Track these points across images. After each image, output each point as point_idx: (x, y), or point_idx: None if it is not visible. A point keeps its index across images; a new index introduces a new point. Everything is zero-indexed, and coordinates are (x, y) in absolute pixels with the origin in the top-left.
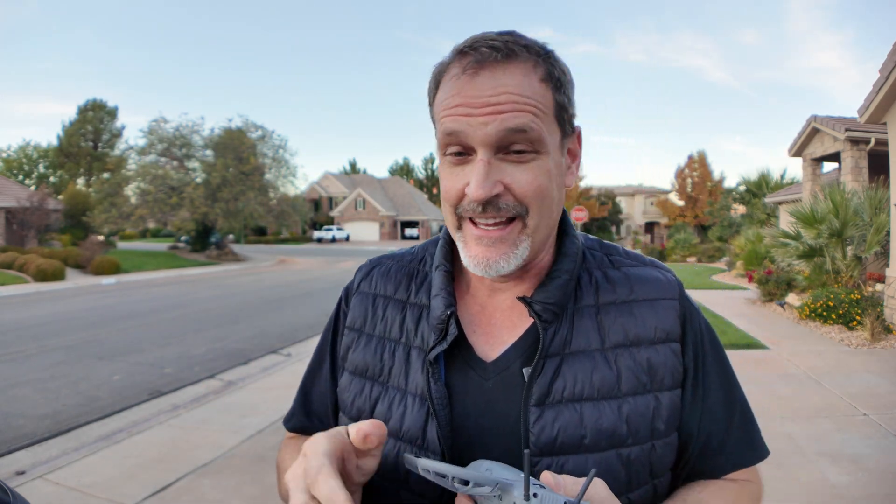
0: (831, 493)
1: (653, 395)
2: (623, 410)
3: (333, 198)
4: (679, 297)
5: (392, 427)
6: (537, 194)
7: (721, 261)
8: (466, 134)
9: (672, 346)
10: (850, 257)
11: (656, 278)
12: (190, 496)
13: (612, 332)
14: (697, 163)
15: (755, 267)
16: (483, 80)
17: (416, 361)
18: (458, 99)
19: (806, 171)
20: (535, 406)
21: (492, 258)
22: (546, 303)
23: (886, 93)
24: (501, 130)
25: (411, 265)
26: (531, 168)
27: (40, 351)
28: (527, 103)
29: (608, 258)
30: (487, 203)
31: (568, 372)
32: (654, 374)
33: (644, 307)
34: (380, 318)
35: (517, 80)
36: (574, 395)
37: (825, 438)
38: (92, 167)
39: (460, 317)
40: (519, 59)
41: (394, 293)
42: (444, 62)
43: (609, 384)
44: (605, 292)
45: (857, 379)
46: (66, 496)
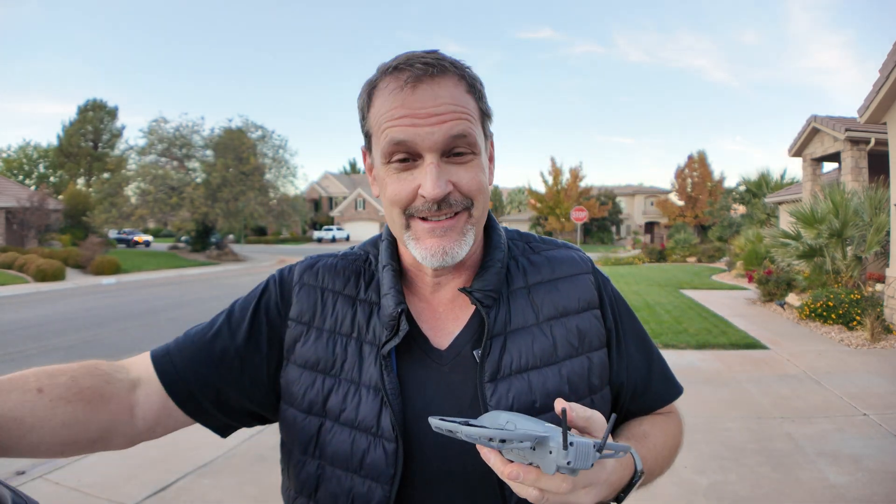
0: (831, 493)
1: (585, 357)
2: (563, 373)
3: (333, 198)
4: (592, 270)
5: (347, 417)
6: (479, 189)
7: (721, 261)
8: (415, 142)
9: (594, 313)
10: (850, 257)
11: (571, 257)
12: (190, 496)
13: (543, 308)
14: (697, 163)
15: (755, 267)
16: (423, 92)
17: (368, 356)
18: (403, 110)
19: (806, 171)
20: (489, 382)
21: (447, 246)
22: (485, 290)
23: (886, 93)
24: (447, 137)
25: (356, 263)
26: (471, 167)
27: (40, 351)
28: (462, 111)
29: (528, 245)
30: (441, 201)
31: (513, 347)
32: (583, 338)
33: (566, 283)
34: (329, 312)
35: (451, 91)
36: (521, 367)
37: (825, 438)
38: (92, 167)
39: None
40: (448, 74)
41: (342, 289)
42: (376, 79)
43: (548, 352)
44: (532, 274)
45: (857, 379)
46: (66, 496)
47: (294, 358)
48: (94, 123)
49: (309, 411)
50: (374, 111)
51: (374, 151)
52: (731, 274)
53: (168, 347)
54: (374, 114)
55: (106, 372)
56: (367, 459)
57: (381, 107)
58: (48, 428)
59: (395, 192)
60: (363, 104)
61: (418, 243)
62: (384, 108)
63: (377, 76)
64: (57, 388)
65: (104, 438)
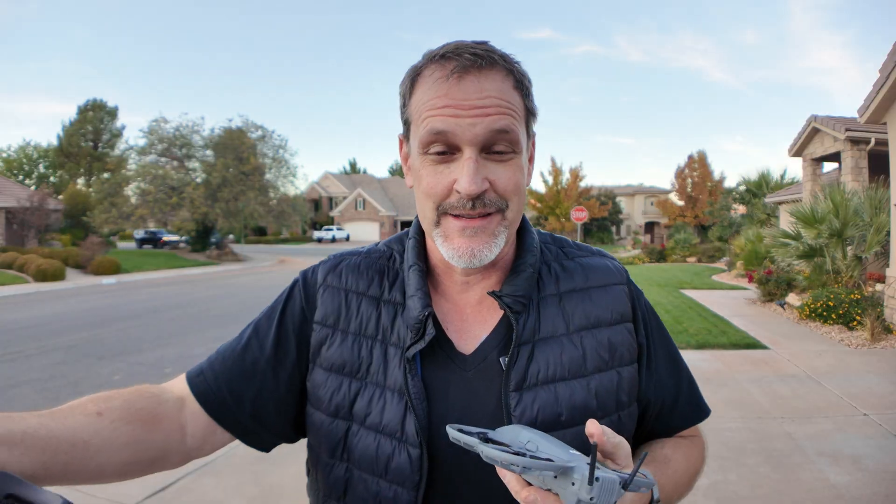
0: (831, 493)
1: (615, 371)
2: (591, 387)
3: (333, 198)
4: (627, 281)
5: (372, 421)
6: (516, 190)
7: (721, 261)
8: (455, 133)
9: (627, 326)
10: (850, 257)
11: (606, 266)
12: (190, 496)
13: (575, 317)
14: (697, 163)
15: (755, 267)
16: (468, 84)
17: (393, 358)
18: (446, 100)
19: (806, 171)
20: (514, 391)
21: (476, 247)
22: (515, 295)
23: (886, 93)
24: (489, 131)
25: (380, 262)
26: (510, 166)
27: (40, 351)
28: (508, 107)
29: (562, 250)
30: (476, 198)
31: (540, 357)
32: (614, 351)
33: (600, 292)
34: (354, 314)
35: (498, 85)
36: (548, 377)
37: (825, 438)
38: (92, 167)
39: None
40: (496, 67)
41: (366, 290)
42: (421, 66)
43: (577, 364)
44: (564, 281)
45: (857, 379)
46: (66, 496)
47: (320, 361)
48: (94, 123)
49: (335, 415)
50: (416, 98)
51: (411, 140)
52: (731, 274)
53: (201, 367)
54: (416, 101)
55: (155, 394)
56: (393, 464)
57: (423, 95)
58: (112, 449)
59: (430, 185)
60: (405, 90)
61: (447, 242)
62: (426, 96)
63: (422, 63)
64: (114, 410)
65: (161, 458)
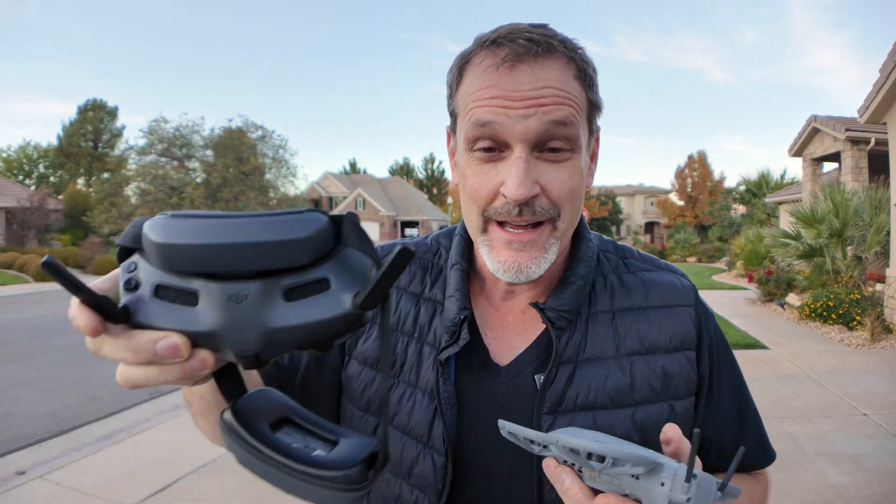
0: (831, 493)
1: (667, 404)
2: (636, 419)
3: (333, 198)
4: (695, 303)
5: (399, 422)
6: (570, 196)
7: (721, 261)
8: (503, 126)
9: (687, 355)
10: (850, 257)
11: (672, 284)
12: (190, 496)
13: (627, 339)
14: (697, 163)
15: (755, 267)
16: (522, 73)
17: (427, 358)
18: (495, 91)
19: (806, 171)
20: (547, 413)
21: (523, 262)
22: (559, 310)
23: (886, 93)
24: (543, 124)
25: (425, 257)
26: (566, 167)
27: (40, 351)
28: (567, 98)
29: (623, 262)
30: (524, 205)
31: (581, 380)
32: (668, 382)
33: (660, 314)
34: (392, 309)
35: (556, 74)
36: (587, 404)
37: (825, 438)
38: (92, 167)
39: (476, 318)
40: (555, 54)
41: (408, 285)
42: (471, 51)
43: (623, 392)
44: (620, 297)
45: (857, 379)
46: (66, 496)
47: (356, 354)
48: (94, 123)
49: (366, 410)
50: (464, 88)
51: (457, 134)
52: (731, 274)
53: None
54: (463, 91)
55: None
56: (416, 469)
57: (470, 84)
58: None
59: (475, 188)
60: (452, 79)
61: (492, 253)
62: (474, 86)
63: (472, 49)
64: None
65: None
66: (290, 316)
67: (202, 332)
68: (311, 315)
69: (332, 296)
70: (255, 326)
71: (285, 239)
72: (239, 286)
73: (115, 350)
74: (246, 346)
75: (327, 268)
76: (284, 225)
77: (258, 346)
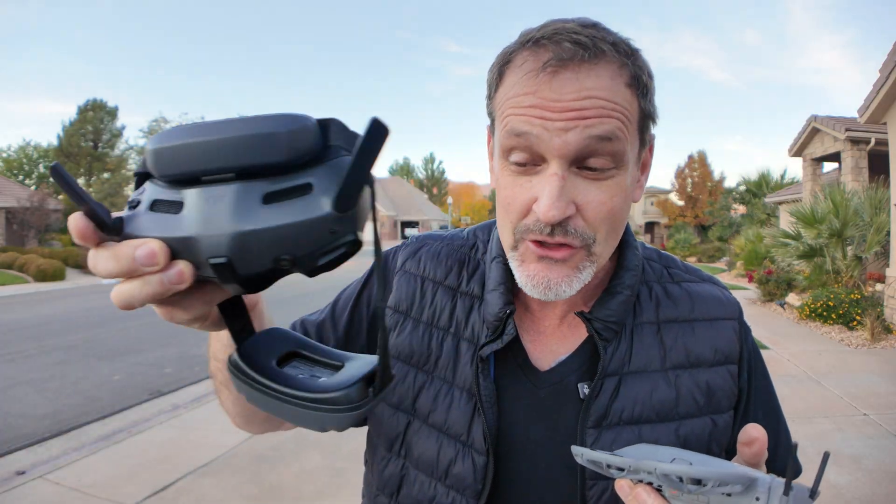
0: (831, 493)
1: (709, 418)
2: (680, 433)
3: None
4: (738, 317)
5: (436, 420)
6: (609, 217)
7: (721, 261)
8: (540, 139)
9: (730, 369)
10: (850, 257)
11: (717, 297)
12: (190, 496)
13: (673, 352)
14: (697, 163)
15: (755, 267)
16: (564, 80)
17: (465, 354)
18: (533, 99)
19: (806, 171)
20: (592, 428)
21: (553, 279)
22: (607, 320)
23: (886, 93)
24: (584, 139)
25: (462, 250)
26: (608, 187)
27: (40, 351)
28: (614, 110)
29: (667, 271)
30: (556, 225)
31: (627, 393)
32: (711, 396)
33: (705, 327)
34: (428, 303)
35: (604, 83)
36: (633, 418)
37: (825, 438)
38: (92, 167)
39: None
40: (606, 59)
41: (444, 279)
42: (512, 50)
43: (668, 406)
44: (665, 308)
45: (857, 379)
46: (66, 496)
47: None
48: (94, 123)
49: (398, 407)
50: (502, 91)
51: (495, 139)
52: (731, 274)
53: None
54: (502, 94)
55: None
56: (454, 469)
57: (509, 88)
58: None
59: (507, 200)
60: (492, 79)
61: (522, 265)
62: (513, 91)
63: (515, 47)
64: None
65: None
66: (263, 219)
67: (178, 237)
68: (284, 217)
69: (312, 199)
70: (226, 229)
71: (261, 132)
72: (217, 189)
73: (105, 261)
74: (217, 250)
75: (311, 173)
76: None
77: (229, 251)
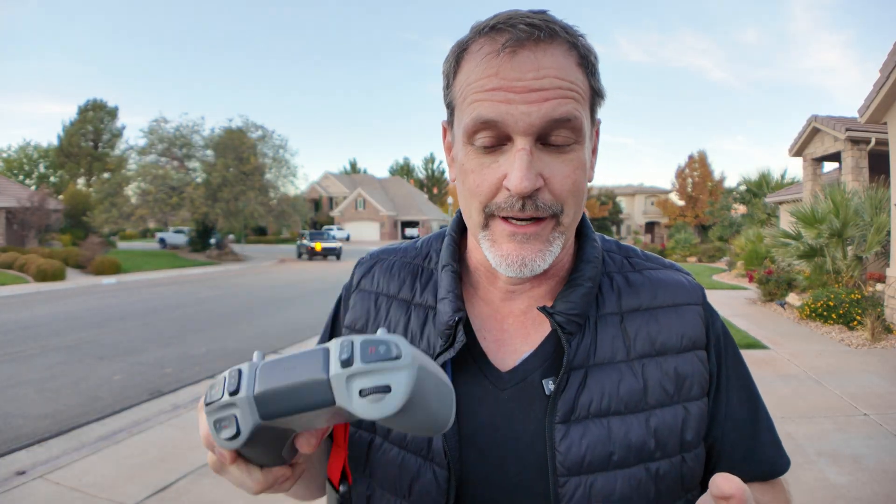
0: (831, 493)
1: (681, 406)
2: (651, 423)
3: (334, 198)
4: (702, 301)
5: (396, 436)
6: (574, 189)
7: (721, 261)
8: (506, 123)
9: (698, 354)
10: (850, 257)
11: (679, 282)
12: (190, 496)
13: (637, 341)
14: (698, 162)
15: (756, 267)
16: (523, 60)
17: None
18: (496, 81)
19: (806, 171)
20: (560, 423)
21: (527, 256)
22: (569, 314)
23: (887, 93)
24: (546, 119)
25: (415, 262)
26: (570, 160)
27: (40, 351)
28: (570, 88)
29: (628, 261)
30: (526, 198)
31: (594, 385)
32: (681, 384)
33: (669, 314)
34: (383, 318)
35: (559, 62)
36: (601, 410)
37: (825, 438)
38: (92, 167)
39: (470, 321)
40: (557, 40)
41: (397, 292)
42: (468, 39)
43: (636, 396)
44: (627, 298)
45: (858, 379)
46: (66, 496)
47: None
48: (94, 123)
49: (359, 425)
50: (461, 78)
51: (455, 128)
52: (731, 274)
53: None
54: (461, 82)
55: None
56: (417, 485)
57: (469, 74)
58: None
59: (476, 183)
60: (449, 69)
61: (494, 247)
62: (473, 75)
63: (469, 36)
64: None
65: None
66: None
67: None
68: None
69: None
70: None
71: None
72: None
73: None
74: None
75: None
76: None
77: None
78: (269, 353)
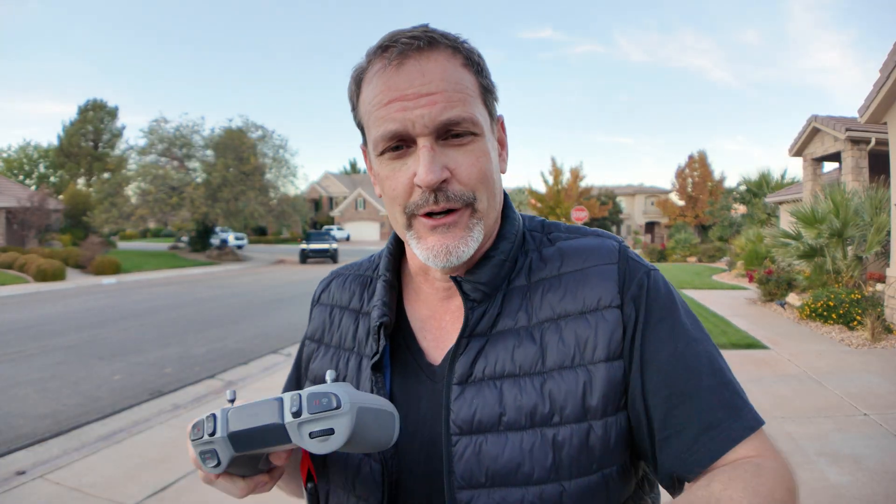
0: (831, 493)
1: (584, 369)
2: (546, 387)
3: (334, 198)
4: (618, 260)
5: None
6: (481, 177)
7: (721, 261)
8: (406, 128)
9: (605, 314)
10: (850, 257)
11: (590, 246)
12: (190, 496)
13: (539, 309)
14: (698, 162)
15: (756, 267)
16: (410, 69)
17: (365, 370)
18: (390, 93)
19: (806, 171)
20: (456, 384)
21: (451, 244)
22: (476, 282)
23: (887, 92)
24: (439, 121)
25: (366, 273)
26: (472, 151)
27: (40, 351)
28: (456, 90)
29: (547, 237)
30: (437, 191)
31: (491, 351)
32: (582, 346)
33: (574, 278)
34: (336, 328)
35: (443, 65)
36: (495, 373)
37: (825, 438)
38: (92, 167)
39: (411, 323)
40: (438, 47)
41: (348, 303)
42: (362, 64)
43: (532, 360)
44: (536, 271)
45: (858, 379)
46: (66, 496)
47: (309, 375)
48: (94, 123)
49: None
50: (364, 98)
51: (368, 145)
52: (731, 274)
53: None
54: (364, 102)
55: None
56: (358, 481)
57: (368, 93)
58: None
59: (392, 187)
60: (352, 93)
61: (421, 242)
62: (372, 93)
63: (364, 61)
64: None
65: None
66: None
67: None
68: None
69: None
70: None
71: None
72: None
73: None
74: None
75: None
76: None
77: None
78: (269, 353)
